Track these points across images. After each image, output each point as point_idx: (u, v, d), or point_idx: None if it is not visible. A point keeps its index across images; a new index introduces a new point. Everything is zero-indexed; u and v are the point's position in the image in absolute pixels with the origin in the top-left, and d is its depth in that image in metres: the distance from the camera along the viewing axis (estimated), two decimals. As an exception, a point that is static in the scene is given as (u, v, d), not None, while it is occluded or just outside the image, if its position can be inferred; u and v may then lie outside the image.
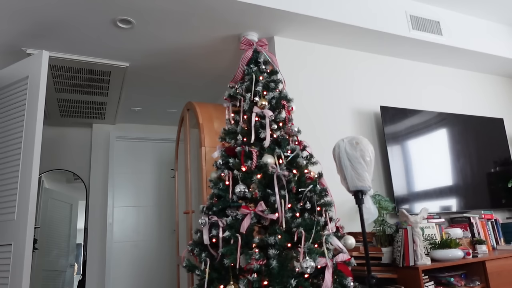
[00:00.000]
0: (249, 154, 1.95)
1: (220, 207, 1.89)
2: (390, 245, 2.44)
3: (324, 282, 1.65)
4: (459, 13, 3.45)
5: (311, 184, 1.92)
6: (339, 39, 3.02)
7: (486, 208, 3.21)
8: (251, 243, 1.76)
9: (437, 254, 2.37)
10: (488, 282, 2.38)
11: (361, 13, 2.88)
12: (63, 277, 4.16)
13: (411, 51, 3.32)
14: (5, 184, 2.30)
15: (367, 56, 3.26)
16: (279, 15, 2.59)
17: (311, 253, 1.68)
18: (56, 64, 2.97)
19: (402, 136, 3.05)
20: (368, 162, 1.83)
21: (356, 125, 3.00)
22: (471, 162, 3.30)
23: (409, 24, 3.09)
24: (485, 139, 3.46)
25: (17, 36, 2.58)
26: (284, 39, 2.90)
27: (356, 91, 3.09)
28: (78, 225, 4.30)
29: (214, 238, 1.81)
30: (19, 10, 2.32)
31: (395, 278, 2.28)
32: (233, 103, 2.19)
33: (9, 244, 2.15)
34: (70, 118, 4.18)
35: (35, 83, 2.35)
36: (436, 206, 3.01)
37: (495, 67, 3.80)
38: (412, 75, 3.45)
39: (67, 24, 2.47)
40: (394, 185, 2.84)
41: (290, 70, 2.79)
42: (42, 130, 2.30)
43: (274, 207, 1.82)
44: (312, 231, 1.76)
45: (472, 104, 3.68)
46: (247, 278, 1.66)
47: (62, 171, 4.24)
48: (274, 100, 2.14)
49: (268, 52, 2.37)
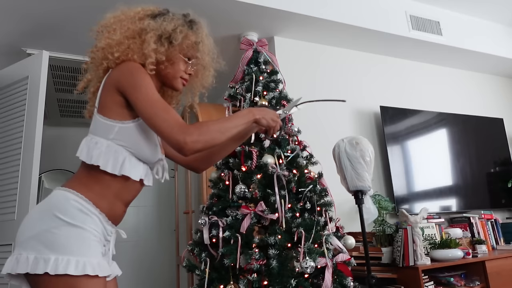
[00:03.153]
0: (249, 154, 1.95)
1: (220, 207, 1.89)
2: (390, 245, 2.44)
3: (324, 282, 1.66)
4: (459, 13, 3.45)
5: (311, 184, 1.92)
6: (339, 39, 3.02)
7: (486, 208, 3.21)
8: (251, 243, 1.76)
9: (437, 254, 2.37)
10: (488, 282, 2.38)
11: (361, 13, 2.88)
12: (63, 277, 4.16)
13: (411, 51, 3.32)
14: (5, 184, 2.30)
15: (367, 56, 3.26)
16: (279, 15, 2.59)
17: (311, 253, 1.68)
18: (56, 64, 2.96)
19: (402, 136, 3.05)
20: (368, 162, 1.83)
21: (356, 125, 3.00)
22: (471, 162, 3.30)
23: (409, 24, 3.09)
24: (485, 139, 3.46)
25: (17, 36, 2.58)
26: (284, 39, 2.90)
27: (356, 91, 3.09)
28: (78, 225, 4.30)
29: (214, 238, 1.81)
30: (20, 10, 2.31)
31: (395, 278, 2.28)
32: (233, 103, 2.19)
33: (9, 244, 2.15)
34: (70, 118, 4.18)
35: (35, 83, 2.35)
36: (436, 206, 3.01)
37: (495, 67, 3.80)
38: (412, 75, 3.45)
39: (67, 24, 2.47)
40: (394, 185, 2.84)
41: (290, 70, 2.78)
42: (42, 130, 2.30)
43: (274, 207, 1.82)
44: (312, 231, 1.76)
45: (472, 104, 3.68)
46: (247, 278, 1.67)
47: (62, 171, 4.24)
48: (274, 100, 2.14)
49: (268, 52, 2.37)
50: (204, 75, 1.30)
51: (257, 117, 1.15)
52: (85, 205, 1.00)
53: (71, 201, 0.99)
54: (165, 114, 1.01)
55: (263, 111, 1.18)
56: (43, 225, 0.95)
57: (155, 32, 1.12)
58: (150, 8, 1.20)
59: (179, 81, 1.20)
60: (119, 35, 1.12)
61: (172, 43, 1.14)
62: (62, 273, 0.89)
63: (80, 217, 0.98)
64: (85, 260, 0.93)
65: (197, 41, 1.19)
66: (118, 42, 1.11)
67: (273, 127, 1.20)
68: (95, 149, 1.04)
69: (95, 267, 0.94)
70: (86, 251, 0.96)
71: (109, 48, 1.11)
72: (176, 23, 1.15)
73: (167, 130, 0.99)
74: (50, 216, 0.97)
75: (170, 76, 1.17)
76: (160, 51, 1.12)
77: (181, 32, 1.14)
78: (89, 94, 1.20)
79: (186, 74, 1.20)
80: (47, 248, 0.92)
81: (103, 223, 1.05)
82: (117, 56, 1.10)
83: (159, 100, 1.03)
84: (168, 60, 1.15)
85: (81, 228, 0.97)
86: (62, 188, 1.03)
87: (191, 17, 1.22)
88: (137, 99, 1.02)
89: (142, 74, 1.06)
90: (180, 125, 1.00)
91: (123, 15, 1.16)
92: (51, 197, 1.02)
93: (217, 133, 1.04)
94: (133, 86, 1.04)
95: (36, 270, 0.90)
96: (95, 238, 1.01)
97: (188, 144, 0.98)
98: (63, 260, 0.91)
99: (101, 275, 0.96)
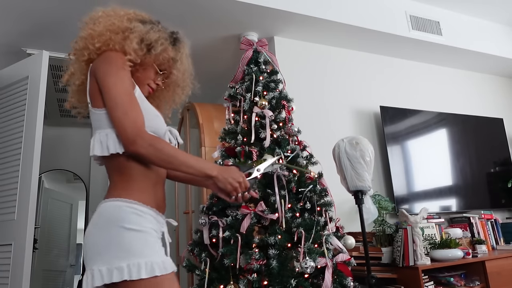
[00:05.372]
0: (249, 154, 1.95)
1: (220, 207, 1.89)
2: (390, 245, 2.44)
3: (324, 282, 1.66)
4: (459, 13, 3.45)
5: (311, 184, 1.92)
6: (339, 39, 3.02)
7: (486, 208, 3.21)
8: (251, 243, 1.76)
9: (437, 254, 2.37)
10: (487, 282, 2.37)
11: (361, 13, 2.88)
12: (63, 277, 4.16)
13: (411, 51, 3.32)
14: (5, 184, 2.30)
15: (367, 56, 3.26)
16: (279, 15, 2.59)
17: (311, 253, 1.68)
18: (56, 64, 2.96)
19: (402, 136, 3.05)
20: (368, 162, 1.83)
21: (356, 125, 3.00)
22: (471, 162, 3.30)
23: (409, 24, 3.09)
24: (484, 139, 3.46)
25: (17, 36, 2.58)
26: (284, 39, 2.90)
27: (356, 91, 3.09)
28: (78, 225, 4.30)
29: (214, 238, 1.81)
30: (20, 10, 2.31)
31: (395, 278, 2.28)
32: (233, 103, 2.19)
33: (9, 244, 2.15)
34: (70, 118, 4.18)
35: (35, 83, 2.35)
36: (436, 206, 3.01)
37: (495, 67, 3.79)
38: (412, 75, 3.45)
39: (67, 24, 2.47)
40: (394, 185, 2.84)
41: (290, 70, 2.78)
42: (42, 130, 2.30)
43: (274, 207, 1.82)
44: (312, 231, 1.76)
45: (472, 104, 3.68)
46: (247, 278, 1.67)
47: (62, 171, 4.24)
48: (274, 100, 2.14)
49: (268, 52, 2.37)
50: (176, 92, 1.33)
51: (214, 174, 1.09)
52: (136, 207, 1.03)
53: (124, 208, 1.02)
54: (128, 109, 1.02)
55: (228, 171, 1.12)
56: (105, 238, 0.99)
57: (139, 35, 1.14)
58: (142, 14, 1.23)
59: (146, 88, 1.21)
60: (102, 27, 1.13)
61: (150, 52, 1.16)
62: (136, 278, 0.94)
63: (136, 221, 1.01)
64: (152, 261, 0.97)
65: (175, 58, 1.22)
66: (100, 34, 1.12)
67: (231, 190, 1.13)
68: (109, 140, 1.05)
69: (161, 266, 0.98)
70: (150, 252, 0.99)
71: (90, 38, 1.13)
72: (160, 35, 1.18)
73: (124, 125, 1.00)
74: (109, 227, 1.00)
75: (139, 80, 1.19)
76: (138, 54, 1.14)
77: (162, 45, 1.17)
78: (73, 87, 1.23)
79: (153, 83, 1.22)
80: (116, 257, 0.96)
81: (155, 218, 1.07)
82: (98, 47, 1.12)
83: (127, 94, 1.04)
84: (141, 64, 1.16)
85: (140, 231, 1.00)
86: (108, 200, 1.05)
87: (177, 35, 1.25)
88: (104, 87, 1.04)
89: (119, 64, 1.08)
90: (137, 126, 1.01)
91: (113, 12, 1.18)
92: (102, 211, 1.04)
93: (166, 158, 1.03)
94: (105, 73, 1.05)
95: (112, 279, 0.93)
96: (154, 238, 1.04)
97: (135, 144, 1.00)
98: (134, 264, 0.95)
99: (167, 272, 1.00)
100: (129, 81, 1.08)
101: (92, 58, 1.13)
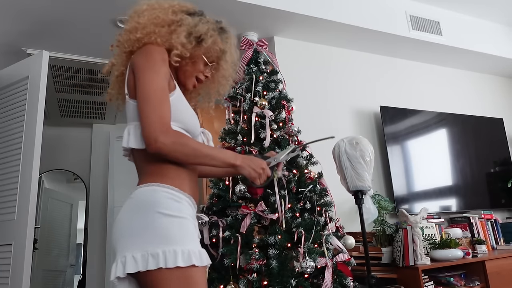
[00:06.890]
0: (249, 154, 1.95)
1: (220, 207, 1.89)
2: (390, 245, 2.44)
3: (324, 282, 1.66)
4: (459, 13, 3.45)
5: (311, 184, 1.92)
6: (339, 39, 3.02)
7: (486, 208, 3.21)
8: (251, 243, 1.76)
9: (437, 254, 2.37)
10: (487, 282, 2.38)
11: (361, 13, 2.88)
12: (63, 277, 4.16)
13: (411, 51, 3.32)
14: (5, 184, 2.30)
15: (367, 56, 3.26)
16: (279, 15, 2.59)
17: (311, 253, 1.68)
18: (56, 64, 2.96)
19: (402, 136, 3.05)
20: (368, 162, 1.83)
21: (356, 125, 3.00)
22: (471, 162, 3.30)
23: (409, 24, 3.09)
24: (484, 139, 3.46)
25: (17, 36, 2.58)
26: (284, 39, 2.90)
27: (356, 91, 3.09)
28: (78, 225, 4.30)
29: (214, 238, 1.81)
30: (20, 10, 2.31)
31: (395, 278, 2.28)
32: (233, 103, 2.19)
33: (9, 244, 2.15)
34: (70, 118, 4.18)
35: (35, 83, 2.35)
36: (436, 206, 3.01)
37: (495, 67, 3.80)
38: (412, 75, 3.45)
39: (67, 24, 2.47)
40: (394, 185, 2.84)
41: (290, 70, 2.78)
42: (42, 130, 2.30)
43: (274, 207, 1.82)
44: (312, 231, 1.76)
45: (472, 104, 3.68)
46: (247, 278, 1.67)
47: (62, 171, 4.23)
48: (274, 100, 2.14)
49: (268, 52, 2.37)
50: (222, 83, 1.32)
51: (238, 163, 1.10)
52: (174, 193, 1.01)
53: (161, 193, 0.99)
54: (157, 105, 1.00)
55: (250, 160, 1.14)
56: (140, 223, 0.95)
57: (187, 28, 1.13)
58: (186, 5, 1.21)
59: (193, 81, 1.20)
60: (147, 20, 1.12)
61: (200, 44, 1.14)
62: (172, 266, 0.90)
63: (174, 206, 0.99)
64: (189, 249, 0.94)
65: (224, 50, 1.21)
66: (144, 26, 1.11)
67: (255, 177, 1.14)
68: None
69: (197, 256, 0.95)
70: (188, 240, 0.96)
71: (134, 30, 1.12)
72: (209, 26, 1.17)
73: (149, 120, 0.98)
74: (144, 212, 0.96)
75: (188, 73, 1.18)
76: (187, 47, 1.12)
77: (212, 37, 1.16)
78: (112, 77, 1.21)
79: (203, 75, 1.21)
80: (151, 243, 0.92)
81: (191, 206, 1.06)
82: (139, 37, 1.10)
83: (159, 89, 1.02)
84: (191, 58, 1.15)
85: (179, 217, 0.98)
86: (142, 186, 1.02)
87: (222, 25, 1.24)
88: (138, 80, 1.03)
89: (157, 59, 1.06)
90: (163, 123, 0.99)
91: (157, 4, 1.16)
92: (136, 197, 1.00)
93: (191, 152, 1.02)
94: (141, 66, 1.04)
95: (148, 267, 0.89)
96: (192, 225, 1.01)
97: (158, 142, 0.97)
98: (170, 251, 0.91)
99: (202, 265, 0.97)
100: (164, 77, 1.05)
101: (134, 50, 1.12)
